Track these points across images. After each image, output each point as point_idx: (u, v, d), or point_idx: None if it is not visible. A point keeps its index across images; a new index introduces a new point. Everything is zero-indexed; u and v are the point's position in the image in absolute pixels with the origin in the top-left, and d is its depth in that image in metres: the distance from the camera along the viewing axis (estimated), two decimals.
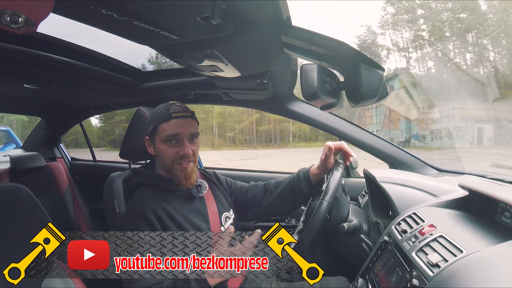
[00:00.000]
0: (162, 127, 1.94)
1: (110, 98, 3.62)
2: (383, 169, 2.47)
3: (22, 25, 0.97)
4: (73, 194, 4.23)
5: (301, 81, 1.41)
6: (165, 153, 1.95)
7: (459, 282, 1.11)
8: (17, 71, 2.40)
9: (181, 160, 1.94)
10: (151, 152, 2.03)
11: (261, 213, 2.31)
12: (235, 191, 2.32)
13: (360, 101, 1.49)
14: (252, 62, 2.00)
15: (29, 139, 4.90)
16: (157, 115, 1.98)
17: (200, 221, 1.96)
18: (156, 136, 1.96)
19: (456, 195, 1.81)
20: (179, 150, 1.93)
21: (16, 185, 1.44)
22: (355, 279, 1.75)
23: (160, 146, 1.95)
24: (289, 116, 3.00)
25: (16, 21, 0.95)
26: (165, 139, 1.93)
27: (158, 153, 1.98)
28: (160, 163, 2.01)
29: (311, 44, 1.50)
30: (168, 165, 1.96)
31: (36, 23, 0.99)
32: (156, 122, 1.95)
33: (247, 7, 1.33)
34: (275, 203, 2.24)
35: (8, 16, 0.93)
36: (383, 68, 1.47)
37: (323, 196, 1.83)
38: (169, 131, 1.92)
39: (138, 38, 1.64)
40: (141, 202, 1.89)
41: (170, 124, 1.93)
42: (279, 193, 2.22)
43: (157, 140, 1.96)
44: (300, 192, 2.15)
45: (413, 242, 1.48)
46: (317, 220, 1.83)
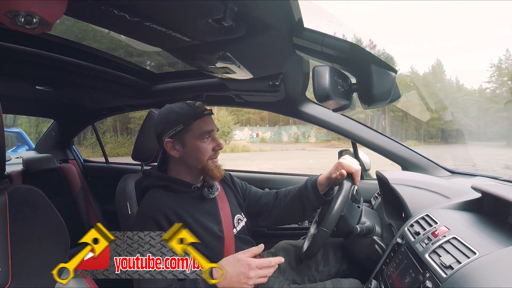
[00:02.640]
0: (197, 125, 1.93)
1: (122, 100, 3.65)
2: (395, 171, 2.45)
3: (36, 26, 0.97)
4: (85, 195, 4.25)
5: (313, 83, 1.41)
6: (202, 150, 1.95)
7: (472, 284, 1.11)
8: (30, 73, 2.42)
9: (214, 156, 1.98)
10: (174, 154, 1.96)
11: (272, 222, 2.30)
12: (249, 196, 2.31)
13: (372, 103, 1.48)
14: (264, 64, 2.00)
15: (42, 141, 4.92)
16: (186, 114, 1.94)
17: (211, 222, 1.95)
18: (187, 135, 1.93)
19: (468, 197, 1.79)
20: (215, 146, 1.97)
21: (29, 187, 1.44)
22: (368, 281, 1.74)
23: (195, 144, 1.94)
24: (301, 118, 3.00)
25: (31, 22, 0.96)
26: (202, 136, 1.93)
27: (191, 152, 1.95)
28: (192, 162, 1.97)
29: (323, 46, 1.49)
30: (203, 162, 1.96)
31: (50, 23, 0.99)
32: (188, 121, 1.93)
33: (259, 9, 1.33)
34: (285, 213, 2.24)
35: (22, 17, 0.94)
36: (396, 70, 1.46)
37: (323, 223, 1.83)
38: (206, 128, 1.94)
39: (149, 40, 1.65)
40: (151, 205, 1.89)
41: (205, 121, 1.95)
42: (289, 203, 2.21)
43: (189, 139, 1.94)
44: (309, 202, 2.14)
45: (426, 244, 1.48)
46: (317, 246, 1.87)
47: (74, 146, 4.93)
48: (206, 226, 1.91)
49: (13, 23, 0.95)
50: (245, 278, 1.61)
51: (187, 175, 2.01)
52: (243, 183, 2.37)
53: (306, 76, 2.36)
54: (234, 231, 2.03)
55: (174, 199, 1.91)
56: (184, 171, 2.01)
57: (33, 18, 0.95)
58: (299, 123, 40.39)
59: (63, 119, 4.59)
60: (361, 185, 2.85)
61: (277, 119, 43.64)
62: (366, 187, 2.88)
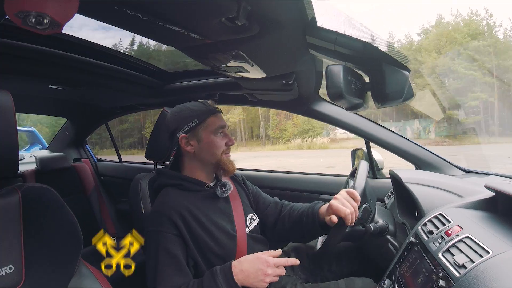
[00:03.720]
0: (211, 120, 2.00)
1: (135, 98, 3.67)
2: (409, 170, 2.44)
3: (47, 27, 0.98)
4: (99, 194, 4.29)
5: (327, 81, 1.41)
6: (217, 144, 2.00)
7: (485, 283, 1.10)
8: (43, 72, 2.44)
9: (227, 151, 2.04)
10: (189, 150, 2.00)
11: (275, 237, 2.28)
12: (259, 202, 2.33)
13: (386, 102, 1.48)
14: (277, 63, 2.01)
15: (55, 140, 4.96)
16: (199, 110, 2.01)
17: (224, 221, 1.97)
18: (202, 130, 1.99)
19: (482, 196, 1.78)
20: (228, 141, 2.03)
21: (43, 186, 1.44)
22: (382, 280, 1.74)
23: (210, 138, 1.99)
24: (314, 117, 3.00)
25: (41, 23, 0.96)
26: (216, 131, 2.00)
27: (206, 146, 1.99)
28: (206, 156, 2.02)
29: (336, 45, 1.49)
30: (217, 156, 2.01)
31: (61, 24, 1.00)
32: (202, 116, 1.99)
33: (272, 7, 1.34)
34: (287, 234, 2.25)
35: (33, 18, 0.94)
36: (409, 68, 1.46)
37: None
38: (219, 123, 2.02)
39: (163, 39, 1.66)
40: (165, 203, 1.90)
41: (218, 117, 2.04)
42: (291, 225, 2.19)
43: (204, 134, 1.99)
44: (307, 230, 2.11)
45: (439, 243, 1.47)
46: (338, 238, 1.85)
47: (87, 145, 4.96)
48: (219, 224, 1.93)
49: (24, 23, 0.96)
50: (262, 274, 1.66)
51: (201, 172, 2.04)
52: (255, 187, 2.40)
53: (319, 75, 2.36)
54: (247, 230, 2.05)
55: (188, 198, 1.93)
56: (198, 167, 2.04)
57: (44, 18, 0.95)
58: (421, 116, 36.61)
59: (77, 118, 4.64)
60: (375, 184, 2.86)
61: (405, 113, 38.93)
62: (380, 186, 2.89)
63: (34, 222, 1.37)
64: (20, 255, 1.32)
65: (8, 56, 2.05)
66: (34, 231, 1.37)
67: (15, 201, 1.34)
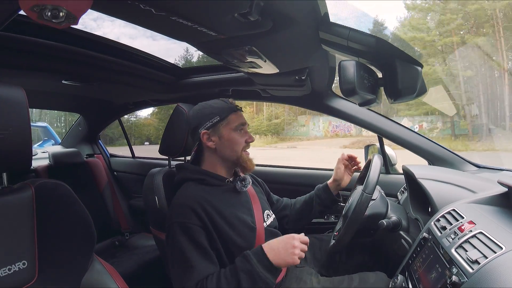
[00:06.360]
0: (232, 118, 2.05)
1: (148, 94, 3.68)
2: (422, 166, 2.43)
3: (63, 20, 0.98)
4: (112, 190, 4.30)
5: (340, 77, 1.41)
6: (237, 141, 2.05)
7: (499, 279, 1.10)
8: (56, 68, 2.44)
9: (247, 147, 2.08)
10: (210, 145, 2.04)
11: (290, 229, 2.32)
12: (270, 200, 2.44)
13: (399, 98, 1.48)
14: (290, 58, 2.01)
15: (68, 136, 4.98)
16: (221, 107, 2.06)
17: (245, 214, 2.00)
18: (223, 126, 2.03)
19: (495, 192, 1.77)
20: (247, 138, 2.08)
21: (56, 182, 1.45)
22: (395, 275, 1.74)
23: (231, 135, 2.04)
24: (327, 112, 3.01)
25: (57, 16, 0.96)
26: (237, 128, 2.05)
27: (226, 143, 2.04)
28: (227, 152, 2.06)
29: (349, 41, 1.50)
30: (237, 153, 2.06)
31: (77, 17, 1.01)
32: (224, 113, 2.04)
33: (285, 3, 1.34)
34: (296, 215, 2.43)
35: (49, 11, 0.95)
36: (421, 64, 1.46)
37: (364, 188, 1.84)
38: (240, 120, 2.07)
39: (175, 34, 1.66)
40: (189, 196, 1.91)
41: (238, 115, 2.09)
42: (300, 207, 2.43)
43: (225, 131, 2.03)
44: (320, 199, 2.33)
45: (452, 238, 1.47)
46: (358, 213, 1.84)
47: (100, 141, 4.98)
48: (240, 217, 1.96)
49: (40, 17, 0.96)
50: (291, 247, 1.73)
51: (221, 168, 2.08)
52: (266, 186, 2.51)
53: (332, 71, 2.36)
54: (265, 225, 2.09)
55: (209, 192, 1.96)
56: (218, 163, 2.08)
57: (60, 12, 0.95)
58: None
59: (90, 114, 4.66)
60: (388, 179, 2.85)
61: None
62: (393, 182, 2.89)
63: (47, 217, 1.38)
64: (33, 251, 1.33)
65: (21, 52, 2.06)
66: (47, 227, 1.37)
67: (28, 197, 1.35)
